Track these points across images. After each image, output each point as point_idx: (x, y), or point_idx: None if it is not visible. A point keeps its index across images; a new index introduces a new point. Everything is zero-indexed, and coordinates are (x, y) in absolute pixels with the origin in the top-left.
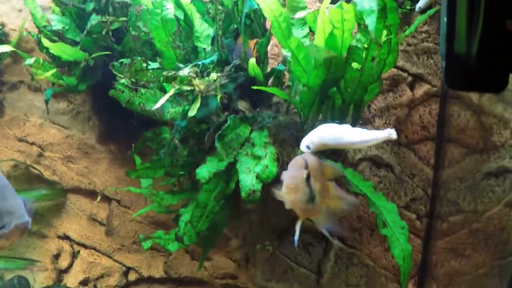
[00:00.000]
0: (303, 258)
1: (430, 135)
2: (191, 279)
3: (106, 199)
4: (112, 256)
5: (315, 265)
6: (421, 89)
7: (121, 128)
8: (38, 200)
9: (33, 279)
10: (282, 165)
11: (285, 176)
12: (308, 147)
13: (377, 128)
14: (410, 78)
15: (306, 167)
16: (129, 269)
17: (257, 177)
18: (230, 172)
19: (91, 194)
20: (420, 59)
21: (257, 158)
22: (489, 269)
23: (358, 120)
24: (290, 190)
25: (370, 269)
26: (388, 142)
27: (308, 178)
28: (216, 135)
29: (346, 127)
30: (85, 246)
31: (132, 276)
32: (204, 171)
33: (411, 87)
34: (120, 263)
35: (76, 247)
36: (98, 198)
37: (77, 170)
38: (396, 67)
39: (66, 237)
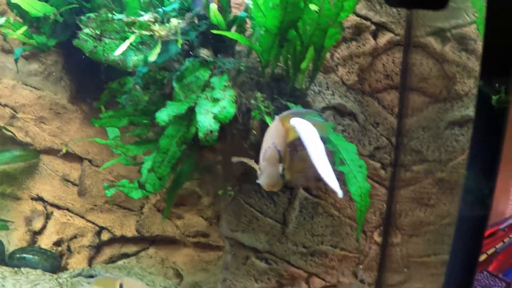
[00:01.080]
0: (268, 208)
1: (393, 83)
2: (163, 238)
3: (78, 159)
4: (85, 216)
5: (280, 215)
6: (384, 38)
7: (92, 87)
8: (11, 162)
9: (7, 241)
10: (240, 107)
11: (263, 175)
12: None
13: (341, 77)
14: (373, 27)
15: (280, 160)
16: (101, 228)
17: (215, 117)
18: (190, 117)
19: (64, 154)
20: (383, 7)
21: (216, 100)
22: (454, 219)
23: (320, 67)
24: (270, 187)
25: (335, 218)
26: (351, 90)
27: (283, 170)
28: (174, 76)
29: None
30: (58, 207)
31: (105, 236)
32: (164, 115)
33: (374, 35)
34: (93, 223)
35: (50, 208)
36: (64, 149)
37: (49, 131)
38: (359, 15)
39: (39, 199)
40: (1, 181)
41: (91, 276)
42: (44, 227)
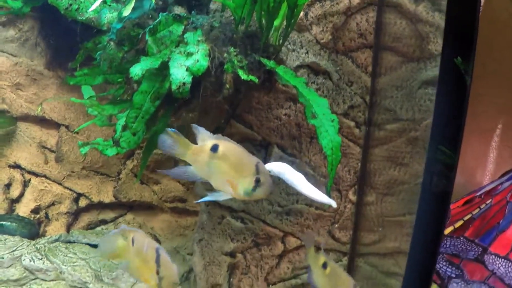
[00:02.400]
0: None
1: (367, 42)
2: (140, 203)
3: (55, 125)
4: (62, 183)
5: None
6: None
7: (69, 53)
8: None
9: None
10: (213, 60)
11: None
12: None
13: (315, 36)
14: None
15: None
16: (79, 195)
17: (188, 70)
18: (164, 72)
19: (41, 121)
20: None
21: (189, 54)
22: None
23: (293, 24)
24: None
25: (310, 177)
26: (325, 49)
27: None
28: (147, 30)
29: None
30: (35, 174)
31: (82, 202)
32: (137, 69)
33: None
34: (70, 189)
35: (27, 176)
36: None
37: (26, 97)
38: None
39: (17, 166)
40: None
41: (69, 242)
42: (21, 195)
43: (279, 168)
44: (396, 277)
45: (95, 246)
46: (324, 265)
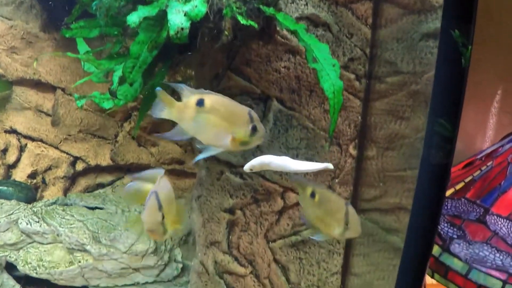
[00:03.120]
0: None
1: None
2: (137, 166)
3: (51, 88)
4: (59, 147)
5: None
6: None
7: (65, 15)
8: None
9: None
10: (212, 6)
11: (144, 220)
12: (251, 169)
13: None
14: None
15: (161, 208)
16: (76, 158)
17: (186, 15)
18: (162, 21)
19: (36, 84)
20: None
21: (188, 0)
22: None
23: None
24: (151, 233)
25: (310, 131)
26: (325, 1)
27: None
28: None
29: (284, 158)
30: (32, 139)
31: (79, 166)
32: (134, 17)
33: None
34: (67, 153)
35: (23, 140)
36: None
37: (21, 61)
38: None
39: (13, 131)
40: None
41: (66, 205)
42: (18, 160)
43: (262, 160)
44: (397, 234)
45: (92, 208)
46: (313, 194)
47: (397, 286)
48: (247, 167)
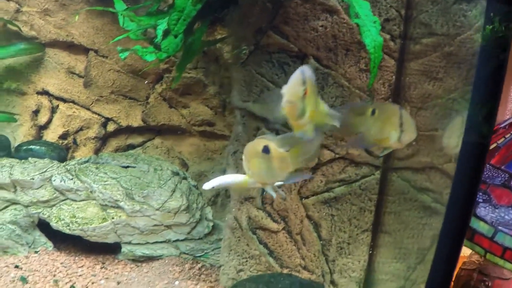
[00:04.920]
0: (279, 77)
1: None
2: (169, 127)
3: (83, 50)
4: (90, 108)
5: None
6: None
7: None
8: (16, 55)
9: (13, 138)
10: None
11: (286, 91)
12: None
13: None
14: None
15: (304, 83)
16: (107, 120)
17: None
18: None
19: (69, 46)
20: None
21: None
22: (461, 94)
23: None
24: (289, 105)
25: (345, 89)
26: None
27: (304, 95)
28: None
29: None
30: (64, 100)
31: (110, 127)
32: None
33: None
34: (98, 114)
35: (55, 102)
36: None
37: (54, 23)
38: None
39: (45, 92)
40: (6, 77)
41: (99, 163)
42: (49, 121)
43: (228, 179)
44: (428, 193)
45: (125, 167)
46: (373, 112)
47: (438, 248)
48: (207, 186)
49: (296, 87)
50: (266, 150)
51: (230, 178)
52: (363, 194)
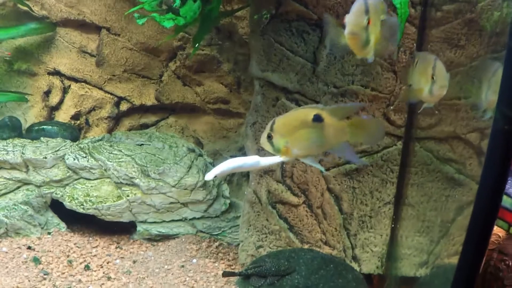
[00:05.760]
0: (299, 46)
1: None
2: (183, 105)
3: (95, 29)
4: (103, 88)
5: (310, 54)
6: None
7: None
8: (27, 35)
9: (24, 120)
10: None
11: (349, 21)
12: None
13: None
14: None
15: (367, 12)
16: (120, 99)
17: None
18: None
19: (81, 25)
20: None
21: None
22: (482, 60)
23: None
24: (352, 36)
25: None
26: None
27: (367, 24)
28: None
29: (252, 157)
30: (75, 80)
31: (123, 106)
32: None
33: None
34: (111, 93)
35: (67, 82)
36: None
37: (65, 2)
38: None
39: (56, 73)
40: (17, 58)
41: (112, 142)
42: (61, 102)
43: (230, 164)
44: (451, 164)
45: (140, 145)
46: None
47: (470, 224)
48: (210, 176)
49: (358, 17)
50: (318, 118)
51: (235, 163)
52: (385, 165)
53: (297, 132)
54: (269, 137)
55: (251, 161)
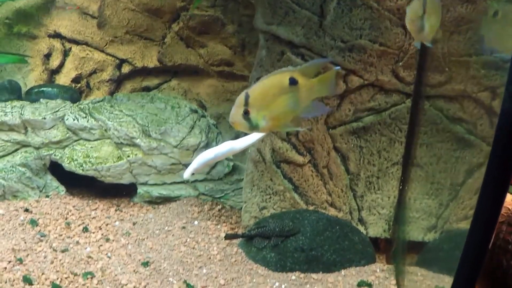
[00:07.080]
0: None
1: None
2: (186, 67)
3: None
4: (104, 50)
5: (317, 7)
6: None
7: None
8: None
9: (24, 84)
10: None
11: (408, 10)
12: (193, 173)
13: None
14: None
15: (425, 4)
16: (122, 61)
17: None
18: None
19: None
20: None
21: None
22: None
23: None
24: (409, 21)
25: (374, 11)
26: None
27: (423, 14)
28: None
29: (224, 144)
30: (76, 42)
31: (125, 69)
32: None
33: None
34: (113, 56)
35: (68, 44)
36: None
37: None
38: None
39: (57, 35)
40: (17, 21)
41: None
42: (62, 65)
43: (203, 158)
44: (461, 123)
45: (142, 106)
46: (495, 13)
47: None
48: (187, 174)
49: (416, 8)
50: (294, 81)
51: (208, 155)
52: (393, 123)
53: (276, 101)
54: (246, 113)
55: (224, 148)
